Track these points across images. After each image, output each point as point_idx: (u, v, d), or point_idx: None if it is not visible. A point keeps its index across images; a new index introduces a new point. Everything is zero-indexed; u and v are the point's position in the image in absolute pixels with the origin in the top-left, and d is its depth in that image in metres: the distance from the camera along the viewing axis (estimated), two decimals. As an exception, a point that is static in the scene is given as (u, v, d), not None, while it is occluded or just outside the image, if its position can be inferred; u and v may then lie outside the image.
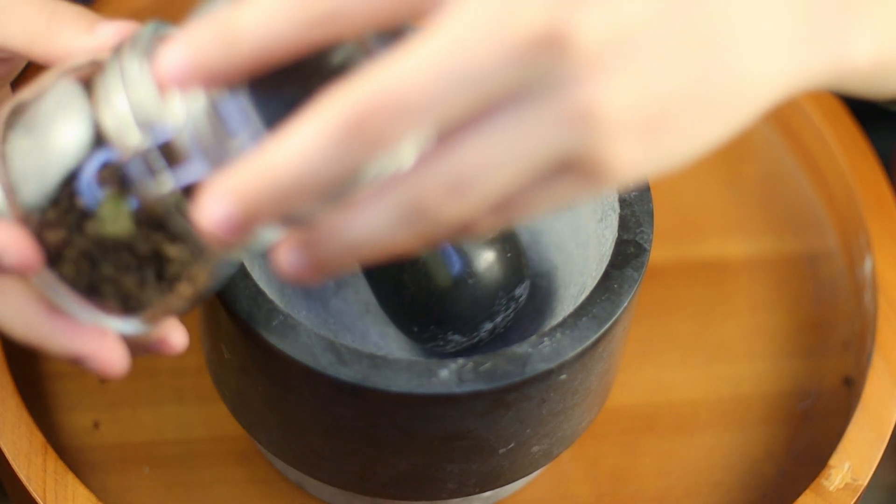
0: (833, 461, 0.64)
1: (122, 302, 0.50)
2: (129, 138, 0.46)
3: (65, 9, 0.52)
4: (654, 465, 0.67)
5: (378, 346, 0.65)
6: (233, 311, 0.55)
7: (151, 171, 0.46)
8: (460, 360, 0.55)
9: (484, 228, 0.44)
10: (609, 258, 0.58)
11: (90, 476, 0.65)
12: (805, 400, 0.70)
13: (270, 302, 0.55)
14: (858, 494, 0.64)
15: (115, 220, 0.48)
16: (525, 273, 0.63)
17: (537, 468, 0.61)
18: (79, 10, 0.52)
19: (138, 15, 0.76)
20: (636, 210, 0.59)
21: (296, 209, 0.43)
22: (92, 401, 0.67)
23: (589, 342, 0.56)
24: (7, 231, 0.48)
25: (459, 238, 0.44)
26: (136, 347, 0.52)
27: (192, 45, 0.43)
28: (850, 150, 0.74)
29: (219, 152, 0.45)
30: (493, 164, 0.42)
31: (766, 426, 0.69)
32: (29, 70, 0.58)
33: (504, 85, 0.41)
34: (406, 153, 0.42)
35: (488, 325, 0.62)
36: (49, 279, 0.49)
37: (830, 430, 0.68)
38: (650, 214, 0.59)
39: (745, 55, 0.44)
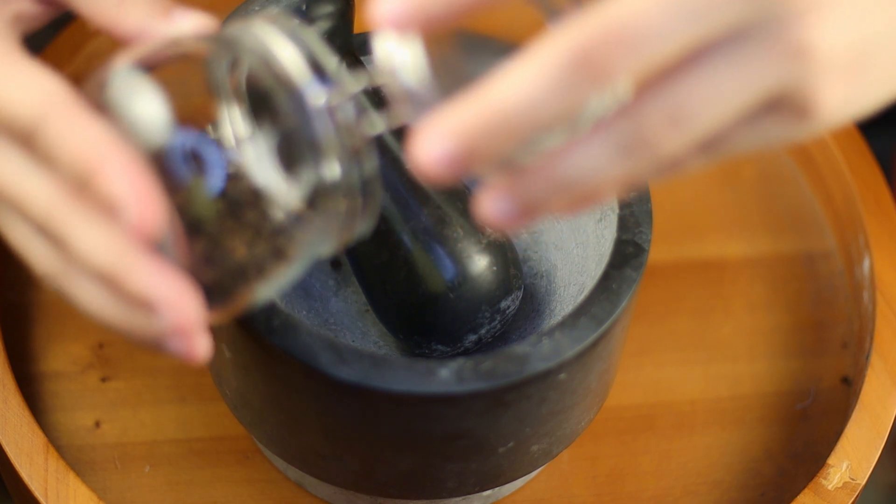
0: (831, 460, 0.64)
1: (214, 271, 0.49)
2: (346, 81, 0.47)
3: None
4: (653, 465, 0.67)
5: (378, 345, 0.65)
6: (233, 311, 0.55)
7: (360, 112, 0.47)
8: (460, 360, 0.55)
9: (692, 166, 0.45)
10: (608, 258, 0.58)
11: (91, 475, 0.65)
12: (804, 399, 0.70)
13: (271, 302, 0.56)
14: (857, 493, 0.64)
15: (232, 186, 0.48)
16: (514, 285, 0.63)
17: (537, 467, 0.61)
18: None
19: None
20: (635, 210, 0.59)
21: (516, 147, 0.43)
22: (93, 400, 0.67)
23: (588, 342, 0.56)
24: (137, 185, 0.46)
25: (665, 176, 0.45)
26: (157, 343, 0.50)
27: None
28: (848, 151, 0.74)
29: (425, 99, 0.45)
30: (712, 97, 0.43)
31: (765, 425, 0.69)
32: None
33: (726, 21, 0.42)
34: (622, 90, 0.43)
35: (472, 337, 0.62)
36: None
37: (829, 429, 0.68)
38: (649, 214, 0.59)
39: None
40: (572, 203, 0.44)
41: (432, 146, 0.43)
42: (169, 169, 0.47)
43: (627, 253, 0.58)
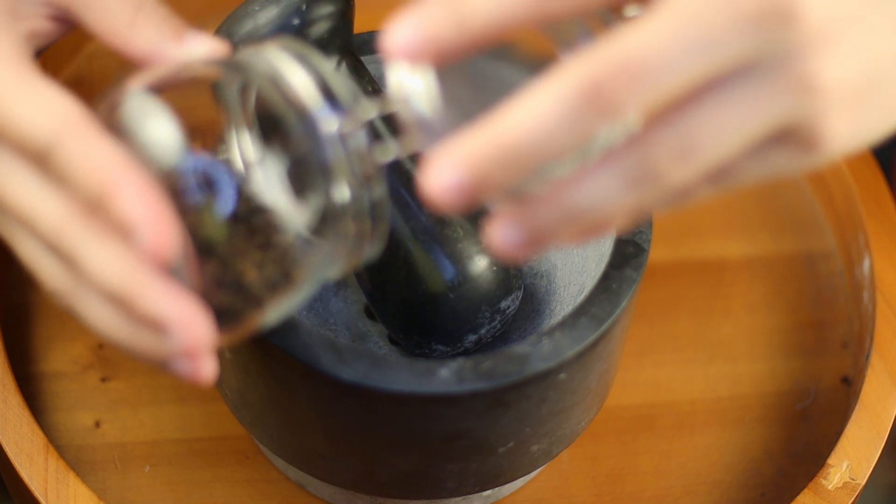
0: (831, 460, 0.64)
1: (221, 295, 0.49)
2: (361, 109, 0.47)
3: (152, 8, 0.52)
4: (652, 465, 0.67)
5: (378, 345, 0.65)
6: (233, 311, 0.55)
7: (372, 140, 0.47)
8: (460, 360, 0.55)
9: (699, 195, 0.46)
10: (608, 258, 0.58)
11: (91, 475, 0.65)
12: (804, 399, 0.70)
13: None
14: (857, 493, 0.64)
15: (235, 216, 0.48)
16: (514, 285, 0.63)
17: (537, 467, 0.61)
18: (165, 14, 0.52)
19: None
20: (635, 210, 0.59)
21: (524, 177, 0.43)
22: (93, 400, 0.67)
23: (588, 342, 0.56)
24: (152, 208, 0.46)
25: (673, 205, 0.45)
26: (163, 361, 0.50)
27: (425, 19, 0.44)
28: (848, 151, 0.74)
29: (437, 127, 0.46)
30: (720, 129, 0.43)
31: (765, 425, 0.69)
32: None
33: (734, 55, 0.42)
34: (632, 121, 0.43)
35: (472, 337, 0.62)
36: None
37: (829, 429, 0.68)
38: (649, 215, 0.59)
39: None
40: (581, 232, 0.45)
41: (443, 175, 0.43)
42: (180, 191, 0.48)
43: (627, 253, 0.58)
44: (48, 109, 0.48)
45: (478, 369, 0.55)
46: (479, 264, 0.61)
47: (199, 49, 0.52)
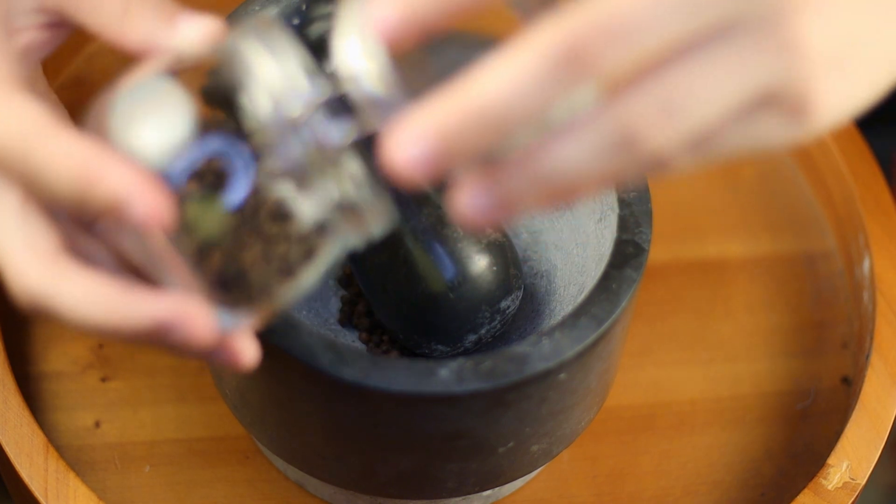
0: (831, 460, 0.64)
1: (236, 283, 0.49)
2: (305, 92, 0.47)
3: None
4: (653, 465, 0.67)
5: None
6: (233, 311, 0.56)
7: (329, 124, 0.46)
8: (460, 360, 0.55)
9: (681, 164, 0.43)
10: (608, 258, 0.58)
11: (91, 475, 0.65)
12: (804, 399, 0.70)
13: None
14: (857, 493, 0.64)
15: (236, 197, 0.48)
16: (514, 285, 0.63)
17: (536, 467, 0.61)
18: (156, 1, 0.52)
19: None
20: (635, 210, 0.59)
21: (495, 144, 0.42)
22: (93, 400, 0.67)
23: (588, 342, 0.56)
24: (137, 178, 0.46)
25: (652, 173, 0.43)
26: (202, 351, 0.50)
27: None
28: (848, 151, 0.74)
29: (392, 103, 0.44)
30: (700, 91, 0.42)
31: (765, 425, 0.69)
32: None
33: (715, 16, 0.41)
34: (608, 84, 0.42)
35: (472, 337, 0.62)
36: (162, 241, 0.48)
37: (829, 429, 0.68)
38: (649, 214, 0.59)
39: None
40: (552, 198, 0.43)
41: (408, 146, 0.42)
42: (181, 183, 0.47)
43: (627, 253, 0.58)
44: (11, 121, 0.48)
45: (478, 369, 0.55)
46: (480, 264, 0.61)
47: (193, 31, 0.51)
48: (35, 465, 0.62)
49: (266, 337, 0.55)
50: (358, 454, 0.58)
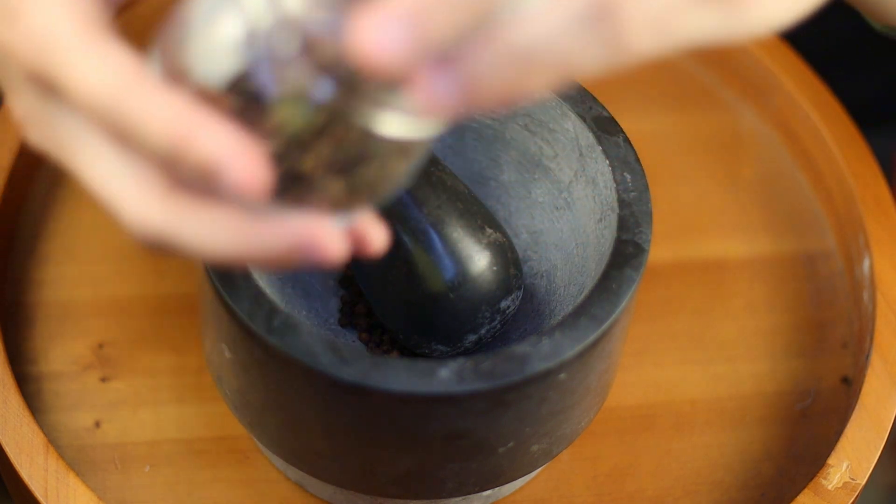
0: (831, 460, 0.64)
1: (327, 193, 0.47)
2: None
3: None
4: (653, 465, 0.67)
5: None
6: (234, 311, 0.55)
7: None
8: (460, 360, 0.55)
9: (640, 50, 0.43)
10: (608, 258, 0.58)
11: (91, 475, 0.65)
12: (804, 399, 0.70)
13: (271, 302, 0.56)
14: (857, 494, 0.64)
15: (302, 104, 0.45)
16: (514, 285, 0.63)
17: (537, 467, 0.61)
18: None
19: (141, 17, 0.76)
20: (635, 210, 0.59)
21: (473, 25, 0.40)
22: (93, 400, 0.67)
23: (588, 342, 0.56)
24: (233, 141, 0.44)
25: (615, 61, 0.43)
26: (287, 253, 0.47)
27: None
28: (848, 151, 0.74)
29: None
30: None
31: (765, 426, 0.69)
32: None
33: None
34: None
35: (472, 337, 0.62)
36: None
37: (829, 429, 0.68)
38: (649, 215, 0.59)
39: None
40: (517, 81, 0.41)
41: (380, 31, 0.40)
42: (267, 80, 0.45)
43: (627, 253, 0.58)
44: (103, 73, 0.45)
45: (478, 369, 0.55)
46: (480, 264, 0.61)
47: None
48: (35, 465, 0.62)
49: (266, 337, 0.55)
50: (358, 454, 0.58)
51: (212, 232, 0.47)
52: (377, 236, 0.48)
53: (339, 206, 0.48)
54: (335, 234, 0.47)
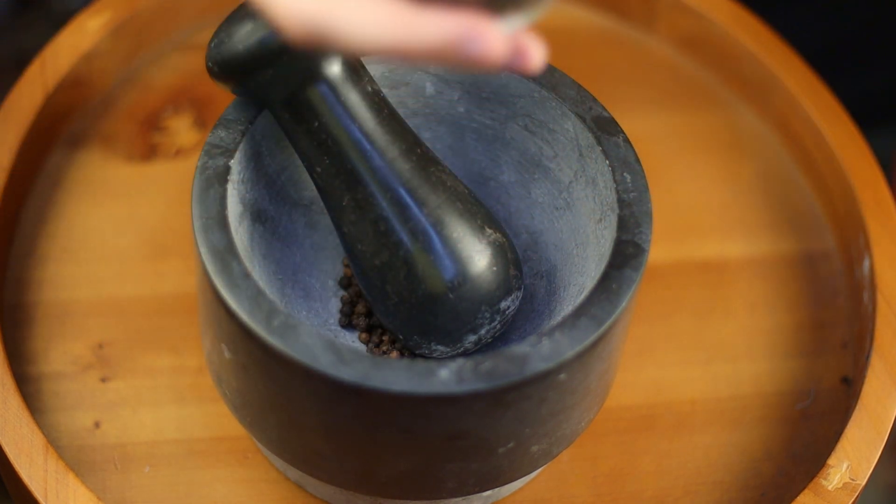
0: (831, 461, 0.64)
1: None
2: None
3: None
4: (653, 465, 0.67)
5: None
6: (233, 311, 0.55)
7: None
8: (460, 360, 0.55)
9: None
10: (608, 258, 0.58)
11: (91, 475, 0.65)
12: (804, 400, 0.70)
13: (271, 302, 0.56)
14: (857, 494, 0.64)
15: None
16: (514, 285, 0.63)
17: (536, 468, 0.61)
18: None
19: (141, 13, 0.76)
20: (635, 210, 0.59)
21: None
22: (92, 401, 0.67)
23: (588, 342, 0.56)
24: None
25: None
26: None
27: None
28: (848, 151, 0.74)
29: None
30: None
31: (765, 426, 0.69)
32: None
33: None
34: None
35: (472, 338, 0.62)
36: None
37: (829, 429, 0.68)
38: (649, 215, 0.59)
39: None
40: None
41: None
42: None
43: (627, 253, 0.58)
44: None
45: (478, 369, 0.55)
46: (480, 264, 0.61)
47: None
48: (35, 465, 0.62)
49: (266, 337, 0.55)
50: (358, 454, 0.58)
51: (368, 19, 0.46)
52: (537, 51, 0.48)
53: (499, 8, 0.47)
54: (498, 33, 0.46)
